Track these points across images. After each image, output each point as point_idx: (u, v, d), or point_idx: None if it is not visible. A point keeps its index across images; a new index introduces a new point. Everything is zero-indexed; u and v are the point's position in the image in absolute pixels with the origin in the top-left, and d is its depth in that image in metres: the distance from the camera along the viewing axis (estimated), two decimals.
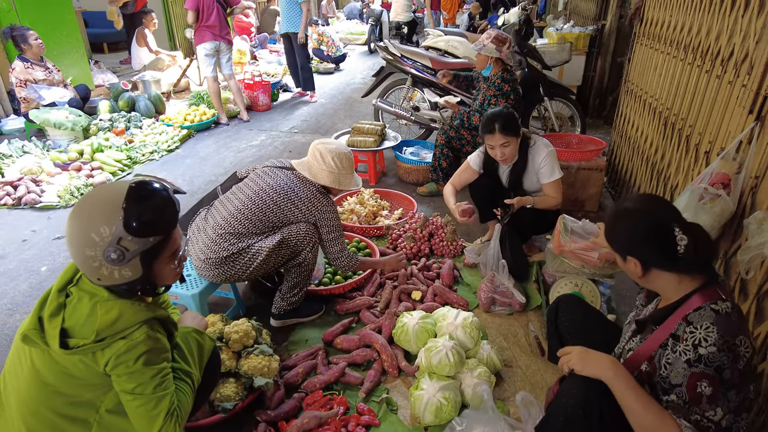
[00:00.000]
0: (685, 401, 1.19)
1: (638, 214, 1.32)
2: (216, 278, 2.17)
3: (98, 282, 1.28)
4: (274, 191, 2.20)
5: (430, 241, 3.02)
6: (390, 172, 4.32)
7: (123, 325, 1.27)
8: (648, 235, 1.29)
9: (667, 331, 1.29)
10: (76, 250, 1.24)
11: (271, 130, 5.62)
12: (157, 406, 1.29)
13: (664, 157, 2.93)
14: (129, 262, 1.25)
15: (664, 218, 1.29)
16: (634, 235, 1.32)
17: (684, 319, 1.25)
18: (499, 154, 2.62)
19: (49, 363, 1.26)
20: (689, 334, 1.21)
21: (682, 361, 1.20)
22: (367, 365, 2.18)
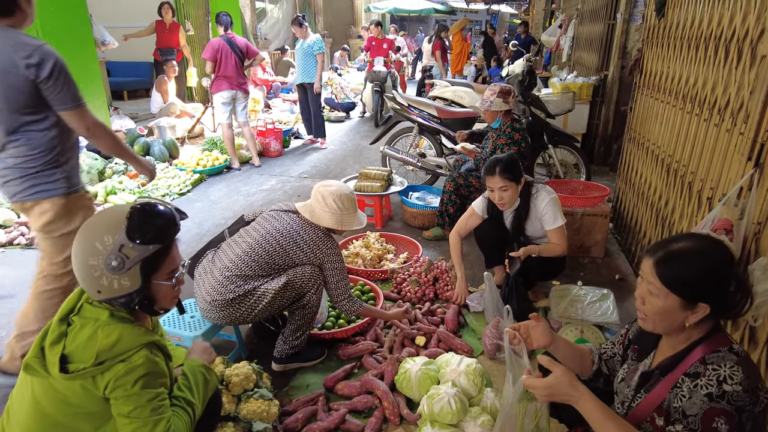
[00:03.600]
0: (692, 431, 1.14)
1: (718, 260, 1.23)
2: (221, 320, 2.18)
3: (98, 295, 1.32)
4: (280, 234, 2.24)
5: (434, 285, 3.01)
6: (396, 217, 4.36)
7: (122, 348, 1.30)
8: (724, 281, 1.22)
9: (677, 375, 1.25)
10: (80, 262, 1.30)
11: (281, 175, 5.74)
12: (153, 429, 1.29)
13: (668, 204, 2.94)
14: (129, 270, 1.30)
15: (730, 264, 1.25)
16: (714, 280, 1.22)
17: (701, 362, 1.21)
18: (497, 197, 2.66)
19: (49, 392, 1.27)
20: (712, 371, 1.17)
21: (702, 394, 1.15)
22: (368, 412, 2.13)
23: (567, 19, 8.07)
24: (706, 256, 1.24)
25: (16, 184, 2.03)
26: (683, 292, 1.22)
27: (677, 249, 1.25)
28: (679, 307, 1.23)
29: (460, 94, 5.84)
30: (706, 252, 1.24)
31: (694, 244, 1.26)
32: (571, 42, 7.60)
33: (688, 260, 1.24)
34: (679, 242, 1.27)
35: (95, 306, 1.35)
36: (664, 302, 1.24)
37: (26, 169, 2.01)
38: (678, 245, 1.26)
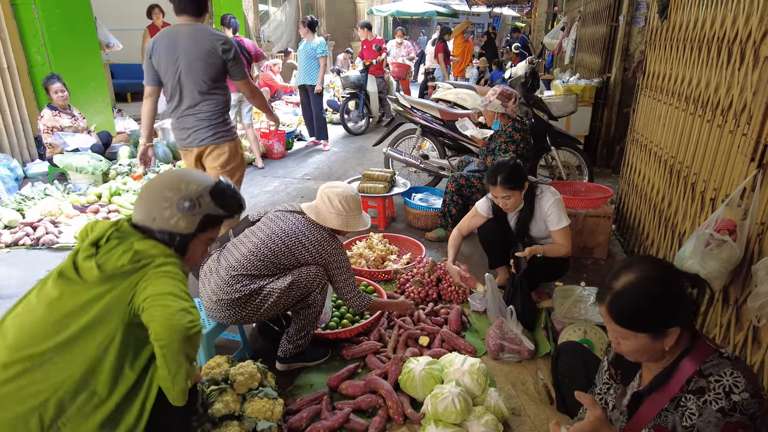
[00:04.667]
0: None
1: (660, 281, 1.20)
2: (226, 319, 2.19)
3: (151, 222, 1.44)
4: (285, 234, 2.25)
5: (438, 286, 3.01)
6: (399, 218, 4.37)
7: (158, 252, 1.41)
8: (679, 297, 1.20)
9: (669, 394, 1.23)
10: (156, 188, 1.46)
11: (284, 177, 5.76)
12: (184, 315, 1.35)
13: (671, 205, 2.94)
14: (192, 216, 1.46)
15: (673, 274, 1.23)
16: (669, 302, 1.19)
17: (698, 374, 1.19)
18: (501, 204, 2.68)
19: (75, 297, 1.34)
20: (716, 383, 1.15)
21: (713, 410, 1.13)
22: (372, 412, 2.14)
23: (569, 21, 8.08)
24: (649, 284, 1.20)
25: (205, 131, 2.91)
26: (645, 328, 1.21)
27: (620, 289, 1.22)
28: (650, 340, 1.21)
29: (463, 97, 5.85)
30: (647, 281, 1.20)
31: (632, 276, 1.21)
32: (574, 44, 7.61)
33: (634, 297, 1.20)
34: (619, 279, 1.23)
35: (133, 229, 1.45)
36: (635, 341, 1.22)
37: (212, 120, 2.91)
38: (619, 283, 1.23)
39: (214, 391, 1.95)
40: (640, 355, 1.26)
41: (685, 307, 1.21)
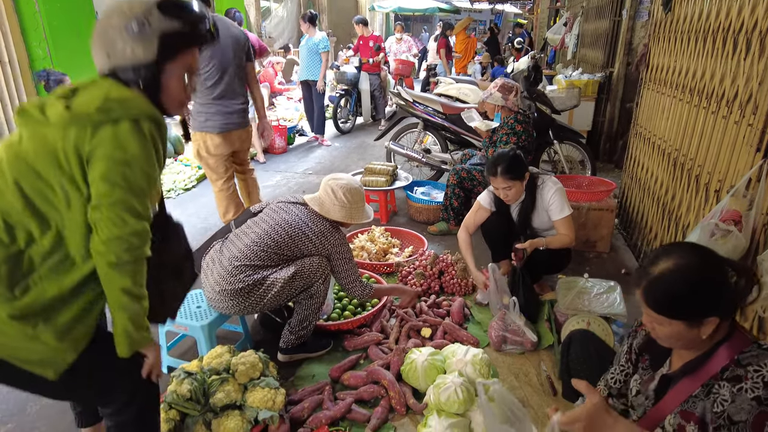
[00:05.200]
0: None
1: (701, 268, 1.17)
2: (229, 310, 2.18)
3: (107, 61, 1.26)
4: (288, 225, 2.24)
5: (440, 278, 3.00)
6: (401, 212, 4.36)
7: (133, 106, 1.23)
8: (720, 285, 1.17)
9: (701, 380, 1.21)
10: (103, 24, 1.26)
11: (286, 171, 5.75)
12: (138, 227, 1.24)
13: (674, 198, 2.93)
14: (146, 38, 1.24)
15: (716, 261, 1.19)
16: (708, 291, 1.16)
17: (735, 364, 1.17)
18: (502, 195, 2.67)
19: (37, 139, 1.20)
20: (754, 373, 1.12)
21: (748, 398, 1.11)
22: (374, 402, 2.13)
23: (572, 16, 8.05)
24: (688, 272, 1.18)
25: (241, 115, 3.28)
26: (681, 315, 1.18)
27: (658, 274, 1.20)
28: (686, 328, 1.19)
29: (465, 92, 5.83)
30: (686, 268, 1.18)
31: (671, 263, 1.19)
32: (576, 40, 7.58)
33: (672, 284, 1.18)
34: (657, 265, 1.21)
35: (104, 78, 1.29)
36: (670, 328, 1.21)
37: (245, 104, 3.32)
38: (658, 268, 1.20)
39: (215, 381, 1.95)
40: (674, 341, 1.25)
41: (726, 296, 1.17)
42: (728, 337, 1.21)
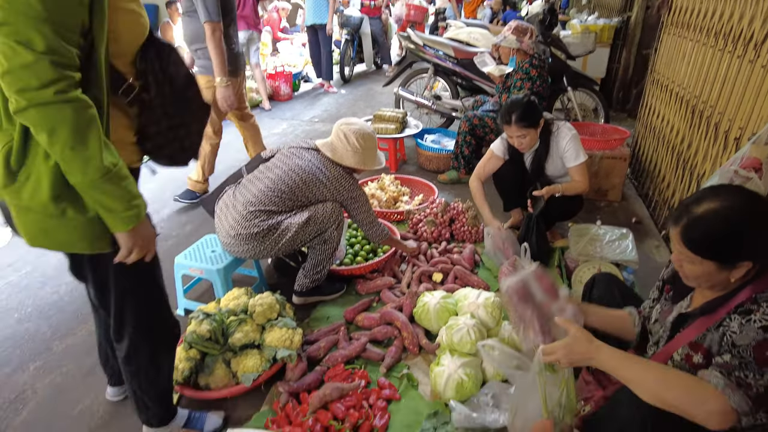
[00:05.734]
0: (746, 359, 1.11)
1: (745, 212, 1.15)
2: (244, 254, 2.21)
3: None
4: (302, 171, 2.23)
5: (450, 226, 3.02)
6: (410, 161, 4.32)
7: None
8: (760, 231, 1.14)
9: (716, 318, 1.22)
10: None
11: (292, 119, 5.67)
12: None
13: (690, 146, 2.88)
14: None
15: (762, 206, 1.16)
16: (747, 236, 1.14)
17: (751, 301, 1.17)
18: (517, 143, 2.62)
19: None
20: (766, 307, 1.13)
21: (755, 327, 1.11)
22: (387, 342, 2.20)
23: None
24: (732, 214, 1.15)
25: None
26: (717, 257, 1.17)
27: (700, 214, 1.18)
28: (717, 269, 1.18)
29: (476, 36, 5.62)
30: (730, 210, 1.15)
31: (716, 203, 1.17)
32: None
33: (713, 225, 1.16)
34: (701, 204, 1.19)
35: None
36: (701, 267, 1.20)
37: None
38: (700, 208, 1.18)
39: (233, 321, 2.00)
40: (702, 281, 1.24)
41: (763, 247, 1.16)
42: (753, 279, 1.20)
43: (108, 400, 1.95)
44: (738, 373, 1.11)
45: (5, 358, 2.19)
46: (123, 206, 1.21)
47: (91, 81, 1.14)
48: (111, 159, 1.16)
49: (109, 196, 1.18)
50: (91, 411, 1.92)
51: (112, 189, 1.17)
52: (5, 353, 2.22)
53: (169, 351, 1.63)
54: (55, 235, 1.24)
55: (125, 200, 1.21)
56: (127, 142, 1.33)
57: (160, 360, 1.58)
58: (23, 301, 2.57)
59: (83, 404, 1.95)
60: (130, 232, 1.26)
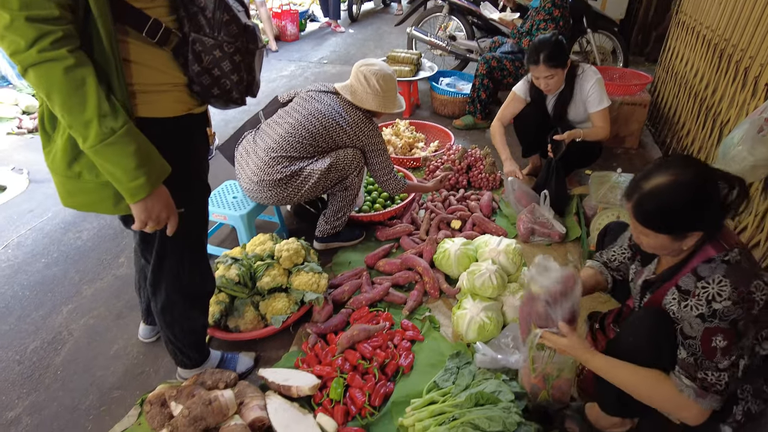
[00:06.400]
0: (698, 355, 1.18)
1: (691, 186, 1.17)
2: (267, 200, 2.22)
3: None
4: (322, 115, 2.20)
5: (468, 173, 3.01)
6: (424, 105, 4.24)
7: None
8: (708, 202, 1.18)
9: (671, 285, 1.28)
10: None
11: (300, 61, 5.51)
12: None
13: (715, 92, 2.82)
14: None
15: (709, 176, 1.19)
16: (696, 208, 1.18)
17: (693, 273, 1.22)
18: (543, 85, 2.56)
19: None
20: (701, 289, 1.17)
21: (693, 316, 1.17)
22: (409, 286, 2.26)
23: None
24: (678, 188, 1.18)
25: None
26: (667, 230, 1.21)
27: (649, 190, 1.21)
28: (670, 241, 1.23)
29: None
30: (677, 184, 1.18)
31: (664, 178, 1.19)
32: None
33: (661, 200, 1.19)
34: (649, 180, 1.21)
35: None
36: (655, 240, 1.25)
37: None
38: (649, 184, 1.21)
39: (261, 266, 2.04)
40: (658, 251, 1.31)
41: (714, 212, 1.20)
42: (705, 244, 1.24)
43: (141, 341, 2.03)
44: (700, 375, 1.18)
45: (38, 301, 2.26)
46: (127, 176, 1.13)
47: (89, 29, 1.08)
48: (112, 123, 1.08)
49: (112, 164, 1.11)
50: (126, 351, 2.00)
51: (113, 156, 1.10)
52: (37, 297, 2.28)
53: (204, 305, 1.67)
54: (78, 196, 1.26)
55: (129, 169, 1.12)
56: (178, 83, 1.28)
57: (194, 313, 1.63)
58: (48, 246, 2.62)
59: (118, 345, 2.03)
60: (140, 204, 1.19)
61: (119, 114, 1.10)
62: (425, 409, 1.62)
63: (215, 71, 1.29)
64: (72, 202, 1.28)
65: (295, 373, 1.78)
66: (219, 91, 1.33)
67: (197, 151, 1.43)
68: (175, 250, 1.45)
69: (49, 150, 1.23)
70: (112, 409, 1.76)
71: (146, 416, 1.63)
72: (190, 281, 1.53)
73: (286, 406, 1.65)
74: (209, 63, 1.27)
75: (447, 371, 1.79)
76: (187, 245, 1.47)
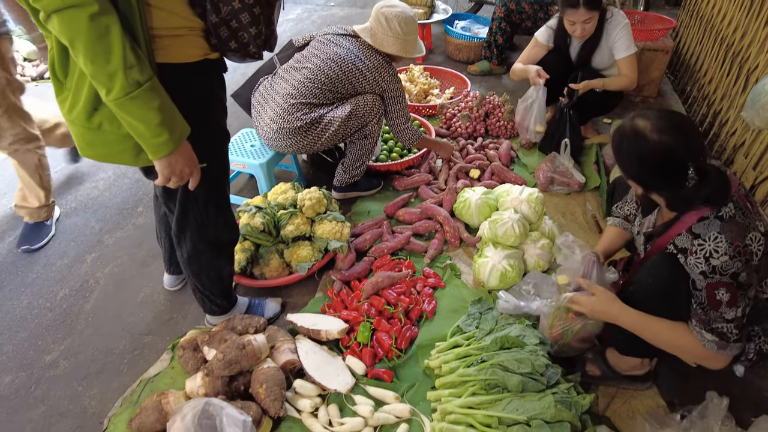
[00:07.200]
0: (704, 305, 1.22)
1: (657, 144, 1.19)
2: (286, 148, 2.19)
3: None
4: (341, 60, 2.13)
5: (485, 121, 2.96)
6: (437, 49, 4.10)
7: None
8: (659, 166, 1.21)
9: (668, 239, 1.31)
10: None
11: (306, 3, 5.29)
12: None
13: (744, 36, 2.72)
14: None
15: (680, 153, 1.19)
16: (642, 163, 1.23)
17: (689, 231, 1.24)
18: (579, 31, 2.44)
19: None
20: (698, 247, 1.20)
21: (696, 273, 1.21)
22: (429, 235, 2.27)
23: None
24: (644, 143, 1.20)
25: None
26: (633, 178, 1.30)
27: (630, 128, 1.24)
28: (642, 190, 1.31)
29: None
30: (646, 140, 1.20)
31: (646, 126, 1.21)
32: None
33: (630, 145, 1.24)
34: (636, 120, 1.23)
35: None
36: (634, 187, 1.34)
37: None
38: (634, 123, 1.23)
39: (284, 215, 2.05)
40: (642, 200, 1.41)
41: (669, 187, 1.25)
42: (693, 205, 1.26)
43: (166, 289, 2.06)
44: (716, 326, 1.22)
45: (62, 250, 2.28)
46: (150, 132, 1.12)
47: None
48: (138, 76, 1.06)
49: (136, 119, 1.10)
50: (153, 299, 2.04)
51: (137, 110, 1.08)
52: (61, 246, 2.30)
53: (229, 253, 1.68)
54: (97, 147, 1.24)
55: (153, 125, 1.11)
56: (194, 27, 1.23)
57: (220, 262, 1.64)
58: (65, 197, 2.61)
59: (144, 293, 2.06)
60: (163, 160, 1.19)
61: (145, 67, 1.08)
62: (450, 352, 1.67)
63: (233, 23, 1.26)
64: (91, 152, 1.26)
65: (323, 317, 1.82)
66: (236, 44, 1.30)
67: (216, 97, 1.41)
68: (199, 200, 1.45)
69: (64, 98, 1.20)
70: (144, 353, 1.82)
71: (179, 360, 1.68)
72: (215, 230, 1.54)
73: (316, 349, 1.71)
74: (227, 14, 1.24)
75: (470, 316, 1.83)
76: (210, 195, 1.47)
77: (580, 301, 1.43)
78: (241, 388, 1.58)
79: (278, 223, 2.04)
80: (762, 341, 1.35)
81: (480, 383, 1.49)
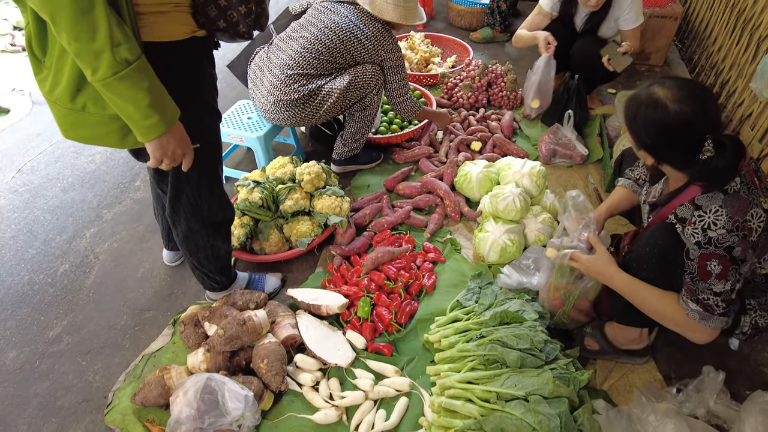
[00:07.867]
0: (694, 275, 1.22)
1: (677, 114, 1.15)
2: (284, 121, 2.15)
3: None
4: (339, 28, 2.06)
5: (488, 91, 2.89)
6: (438, 16, 3.99)
7: None
8: (676, 137, 1.18)
9: (671, 209, 1.30)
10: None
11: None
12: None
13: (757, 1, 2.63)
14: None
15: (699, 124, 1.15)
16: (660, 132, 1.19)
17: (691, 203, 1.22)
18: (594, 1, 2.37)
19: None
20: (697, 218, 1.19)
21: (691, 243, 1.20)
22: (429, 210, 2.25)
23: None
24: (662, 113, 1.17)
25: None
26: (632, 136, 1.28)
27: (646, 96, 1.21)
28: (652, 161, 1.28)
29: None
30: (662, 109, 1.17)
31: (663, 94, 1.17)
32: None
33: (641, 109, 1.21)
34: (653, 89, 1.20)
35: None
36: (643, 158, 1.31)
37: None
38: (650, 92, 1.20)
39: (282, 189, 2.03)
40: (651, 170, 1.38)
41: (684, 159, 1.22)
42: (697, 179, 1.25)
43: (166, 264, 2.06)
44: (702, 297, 1.22)
45: (60, 226, 2.27)
46: (140, 113, 1.08)
47: None
48: (126, 54, 1.01)
49: (124, 100, 1.05)
50: (153, 274, 2.04)
51: (126, 91, 1.03)
52: (59, 221, 2.29)
53: (226, 232, 1.66)
54: (81, 130, 1.20)
55: (143, 106, 1.07)
56: (180, 3, 1.17)
57: (217, 241, 1.62)
58: (62, 171, 2.59)
59: (144, 268, 2.06)
60: (155, 142, 1.15)
61: (133, 44, 1.03)
62: (450, 326, 1.68)
63: (222, 1, 1.21)
64: (75, 134, 1.22)
65: (323, 292, 1.82)
66: (225, 23, 1.25)
67: (207, 76, 1.36)
68: (191, 181, 1.42)
69: (43, 78, 1.15)
70: (146, 328, 1.83)
71: (181, 336, 1.69)
72: (209, 211, 1.52)
73: (317, 324, 1.72)
74: None
75: (469, 291, 1.83)
76: (203, 176, 1.44)
77: (579, 258, 1.45)
78: (242, 363, 1.59)
79: (277, 198, 2.02)
80: (757, 315, 1.36)
81: (479, 358, 1.50)
